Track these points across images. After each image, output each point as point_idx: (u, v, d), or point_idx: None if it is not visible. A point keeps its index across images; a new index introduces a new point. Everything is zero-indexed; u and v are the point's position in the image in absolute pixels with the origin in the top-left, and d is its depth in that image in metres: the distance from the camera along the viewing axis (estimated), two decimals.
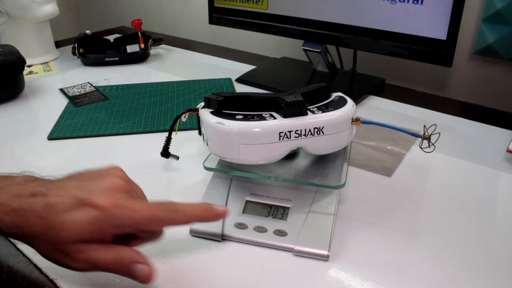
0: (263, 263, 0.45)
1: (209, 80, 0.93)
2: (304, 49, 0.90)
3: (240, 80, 0.93)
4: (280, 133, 0.46)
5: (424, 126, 0.55)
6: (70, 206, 0.35)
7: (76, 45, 1.04)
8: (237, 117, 0.47)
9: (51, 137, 0.70)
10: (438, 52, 0.71)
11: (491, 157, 0.64)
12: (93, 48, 1.05)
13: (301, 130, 0.47)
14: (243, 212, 0.49)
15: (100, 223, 0.35)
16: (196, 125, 0.55)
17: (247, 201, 0.50)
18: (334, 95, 0.55)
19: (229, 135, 0.46)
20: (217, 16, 0.98)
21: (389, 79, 0.93)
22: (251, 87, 0.91)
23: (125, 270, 0.36)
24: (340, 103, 0.52)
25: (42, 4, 1.00)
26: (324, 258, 0.45)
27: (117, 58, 1.04)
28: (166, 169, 0.61)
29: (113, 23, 1.57)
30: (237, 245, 0.47)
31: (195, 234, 0.48)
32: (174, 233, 0.49)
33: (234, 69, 1.02)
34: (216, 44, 1.28)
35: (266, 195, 0.51)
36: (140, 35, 1.05)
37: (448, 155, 0.64)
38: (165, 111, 0.79)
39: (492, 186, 0.57)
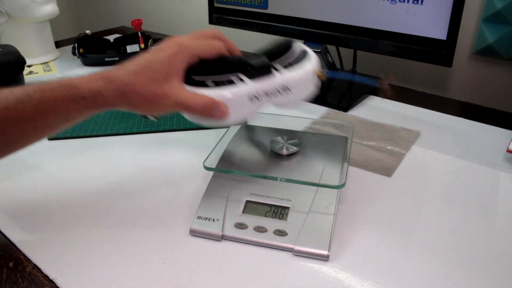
0: (263, 263, 0.45)
1: None
2: None
3: None
4: (250, 95, 0.48)
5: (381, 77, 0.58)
6: (151, 53, 0.47)
7: (76, 45, 1.04)
8: (208, 84, 0.48)
9: (51, 137, 0.70)
10: (438, 52, 0.71)
11: (491, 157, 0.64)
12: (93, 48, 1.05)
13: (269, 90, 0.49)
14: (243, 212, 0.49)
15: (178, 53, 0.46)
16: (195, 125, 0.54)
17: (247, 201, 0.50)
18: (297, 48, 0.55)
19: None
20: (217, 16, 0.98)
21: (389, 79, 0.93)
22: None
23: (209, 110, 0.46)
24: (303, 58, 0.52)
25: (42, 4, 1.00)
26: (324, 258, 0.45)
27: (117, 58, 1.04)
28: (166, 169, 0.61)
29: (113, 23, 1.57)
30: (237, 245, 0.47)
31: (195, 234, 0.48)
32: (174, 233, 0.49)
33: None
34: None
35: (266, 195, 0.51)
36: (140, 35, 1.05)
37: (448, 155, 0.64)
38: None
39: (492, 186, 0.57)
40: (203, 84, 0.48)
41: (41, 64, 1.07)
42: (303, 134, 0.64)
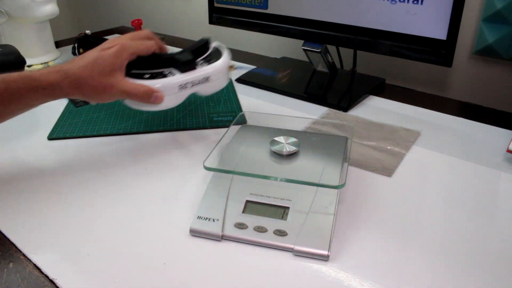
0: (263, 263, 0.45)
1: None
2: (304, 49, 0.90)
3: (240, 80, 0.93)
4: (179, 85, 0.61)
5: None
6: (97, 51, 0.57)
7: (76, 45, 1.03)
8: (145, 76, 0.60)
9: (51, 137, 0.70)
10: (438, 52, 0.71)
11: (491, 157, 0.64)
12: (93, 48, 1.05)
13: (194, 81, 0.62)
14: (243, 212, 0.49)
15: (121, 52, 0.57)
16: (195, 125, 0.55)
17: (247, 201, 0.50)
18: (213, 46, 0.69)
19: None
20: (217, 16, 0.98)
21: (389, 79, 0.94)
22: (251, 87, 0.91)
23: (148, 97, 0.58)
24: (218, 54, 0.67)
25: (42, 4, 1.01)
26: (324, 258, 0.45)
27: None
28: (166, 169, 0.61)
29: (113, 23, 1.57)
30: (237, 245, 0.47)
31: (195, 234, 0.48)
32: (174, 233, 0.49)
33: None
34: None
35: (266, 195, 0.51)
36: None
37: (448, 155, 0.64)
38: (165, 112, 0.79)
39: (492, 186, 0.57)
40: (141, 77, 0.60)
41: (41, 64, 1.07)
42: (303, 134, 0.64)
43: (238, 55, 1.12)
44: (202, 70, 0.63)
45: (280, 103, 0.83)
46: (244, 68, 0.73)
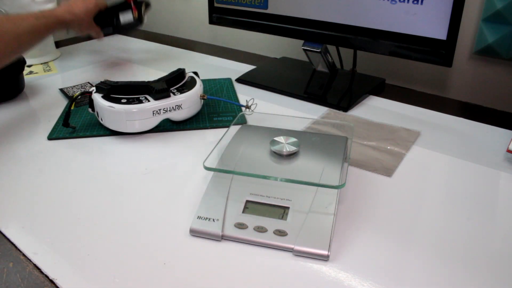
0: (263, 263, 0.45)
1: (209, 80, 0.93)
2: (304, 49, 0.90)
3: (240, 80, 0.93)
4: (153, 111, 0.68)
5: (247, 100, 0.76)
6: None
7: None
8: (122, 101, 0.67)
9: (51, 137, 0.70)
10: (438, 52, 0.71)
11: (491, 157, 0.64)
12: None
13: (167, 108, 0.69)
14: (243, 212, 0.49)
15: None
16: (195, 125, 0.54)
17: (247, 201, 0.50)
18: (188, 75, 0.78)
19: (119, 114, 0.67)
20: (217, 16, 0.98)
21: (389, 79, 0.94)
22: (250, 87, 0.91)
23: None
24: (192, 83, 0.74)
25: (42, 4, 1.01)
26: (324, 258, 0.45)
27: (111, 31, 0.98)
28: (165, 169, 0.61)
29: None
30: (237, 245, 0.47)
31: (195, 234, 0.48)
32: (174, 233, 0.49)
33: (234, 69, 1.02)
34: (216, 44, 1.28)
35: (266, 195, 0.51)
36: (132, 3, 0.97)
37: (448, 155, 0.64)
38: None
39: (492, 186, 0.57)
40: (119, 101, 0.67)
41: (41, 64, 1.07)
42: (303, 134, 0.64)
43: (238, 55, 1.12)
44: (175, 98, 0.70)
45: (280, 103, 0.83)
46: (216, 98, 0.80)
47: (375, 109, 0.80)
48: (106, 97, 0.68)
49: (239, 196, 0.51)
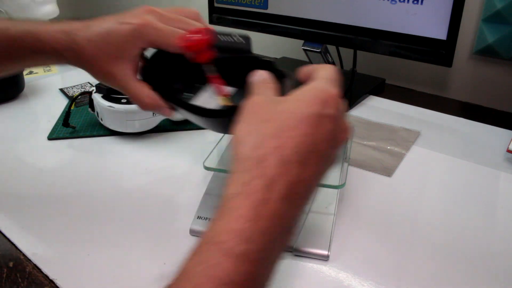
0: None
1: None
2: (304, 49, 0.90)
3: None
4: (152, 112, 0.65)
5: None
6: (114, 22, 0.46)
7: None
8: (122, 101, 0.67)
9: (51, 137, 0.70)
10: (438, 52, 0.71)
11: (491, 157, 0.64)
12: None
13: None
14: None
15: (137, 36, 0.44)
16: (195, 125, 0.54)
17: None
18: None
19: (119, 114, 0.67)
20: (217, 16, 0.98)
21: (389, 79, 0.93)
22: None
23: (154, 109, 0.45)
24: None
25: (42, 4, 1.01)
26: (324, 258, 0.45)
27: None
28: (166, 168, 0.61)
29: None
30: None
31: (195, 234, 0.48)
32: (174, 233, 0.49)
33: None
34: None
35: None
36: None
37: (448, 155, 0.64)
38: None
39: (492, 186, 0.57)
40: (119, 101, 0.66)
41: None
42: None
43: None
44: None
45: None
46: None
47: (375, 109, 0.80)
48: (106, 97, 0.68)
49: None
